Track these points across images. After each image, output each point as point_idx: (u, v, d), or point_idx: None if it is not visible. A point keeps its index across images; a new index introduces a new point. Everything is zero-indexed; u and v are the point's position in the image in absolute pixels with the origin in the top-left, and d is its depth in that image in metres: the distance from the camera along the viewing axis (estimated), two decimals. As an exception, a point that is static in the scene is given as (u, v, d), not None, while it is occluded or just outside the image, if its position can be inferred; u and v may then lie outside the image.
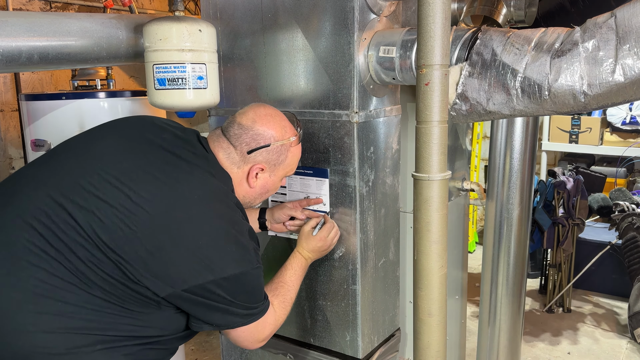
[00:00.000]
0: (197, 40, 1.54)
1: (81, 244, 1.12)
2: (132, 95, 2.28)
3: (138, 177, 1.19)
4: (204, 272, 1.17)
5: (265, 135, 1.34)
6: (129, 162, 1.22)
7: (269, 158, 1.36)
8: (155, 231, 1.15)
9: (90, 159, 1.24)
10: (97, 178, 1.18)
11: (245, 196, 1.39)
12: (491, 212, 1.82)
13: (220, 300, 1.20)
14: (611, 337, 3.30)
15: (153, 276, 1.14)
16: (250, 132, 1.33)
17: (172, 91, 1.54)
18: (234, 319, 1.25)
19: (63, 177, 1.20)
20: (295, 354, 1.73)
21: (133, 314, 1.17)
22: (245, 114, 1.36)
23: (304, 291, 1.69)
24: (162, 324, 1.22)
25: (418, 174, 1.25)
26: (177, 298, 1.18)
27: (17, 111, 3.22)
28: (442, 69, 1.20)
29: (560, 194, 3.43)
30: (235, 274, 1.20)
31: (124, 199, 1.15)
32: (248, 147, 1.33)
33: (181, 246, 1.16)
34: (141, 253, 1.14)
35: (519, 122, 1.71)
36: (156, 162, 1.23)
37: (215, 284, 1.18)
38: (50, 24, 1.53)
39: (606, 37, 1.20)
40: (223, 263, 1.19)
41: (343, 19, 1.47)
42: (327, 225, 1.56)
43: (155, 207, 1.16)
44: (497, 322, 1.88)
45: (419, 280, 1.30)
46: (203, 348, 3.21)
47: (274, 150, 1.35)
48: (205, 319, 1.24)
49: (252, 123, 1.34)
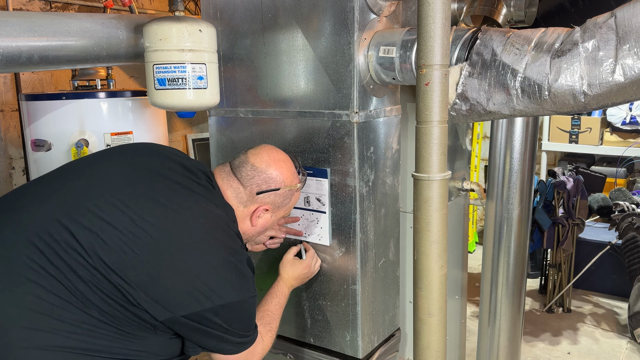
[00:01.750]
0: (197, 40, 1.54)
1: (82, 264, 1.13)
2: (132, 95, 2.28)
3: (143, 202, 1.21)
4: (202, 299, 1.18)
5: (277, 180, 1.40)
6: (135, 188, 1.24)
7: (275, 200, 1.42)
8: (158, 256, 1.17)
9: (96, 182, 1.25)
10: (103, 200, 1.19)
11: (245, 233, 1.43)
12: (491, 212, 1.82)
13: (216, 327, 1.22)
14: (611, 337, 3.30)
15: (153, 300, 1.16)
16: (263, 175, 1.39)
17: (172, 91, 1.54)
18: (227, 346, 1.27)
19: (68, 197, 1.21)
20: (295, 354, 1.73)
21: (129, 337, 1.18)
22: (259, 156, 1.41)
23: (304, 291, 1.69)
24: (156, 349, 1.23)
25: (418, 174, 1.25)
26: (175, 323, 1.19)
27: (17, 111, 3.22)
28: (442, 69, 1.20)
29: (560, 194, 3.43)
30: (233, 302, 1.22)
31: (129, 223, 1.17)
32: (259, 188, 1.38)
33: (182, 273, 1.18)
34: (143, 277, 1.15)
35: (519, 122, 1.71)
36: (161, 189, 1.26)
37: (213, 312, 1.20)
38: (50, 24, 1.53)
39: (606, 37, 1.20)
40: (222, 291, 1.21)
41: (343, 19, 1.47)
42: (310, 252, 1.61)
43: (159, 232, 1.18)
44: (497, 322, 1.88)
45: (419, 280, 1.30)
46: (203, 348, 3.21)
47: (281, 194, 1.42)
48: (200, 344, 1.26)
49: (267, 167, 1.39)
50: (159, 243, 1.17)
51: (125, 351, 1.18)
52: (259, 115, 1.68)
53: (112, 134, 2.21)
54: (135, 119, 2.27)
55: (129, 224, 1.17)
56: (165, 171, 1.30)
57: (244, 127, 1.72)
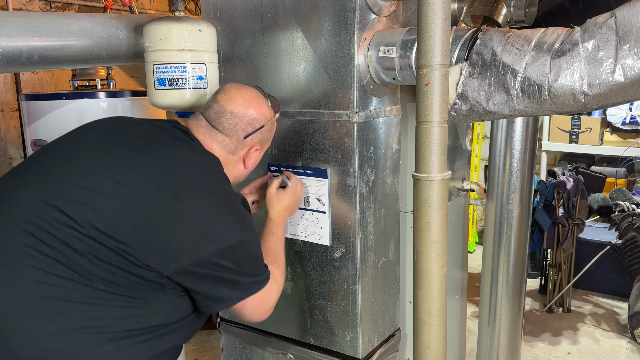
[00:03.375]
0: (197, 40, 1.54)
1: (76, 237, 1.11)
2: (132, 95, 2.28)
3: (124, 164, 1.19)
4: (205, 244, 1.17)
5: (259, 118, 1.39)
6: (113, 153, 1.22)
7: (262, 138, 1.42)
8: (151, 210, 1.15)
9: (73, 157, 1.23)
10: (84, 172, 1.18)
11: (237, 176, 1.43)
12: (491, 212, 1.82)
13: (225, 271, 1.20)
14: (611, 337, 3.30)
15: (156, 255, 1.14)
16: (245, 119, 1.36)
17: (172, 91, 1.54)
18: (241, 290, 1.24)
19: (48, 178, 1.20)
20: (295, 354, 1.73)
21: (138, 302, 1.16)
22: (233, 100, 1.37)
23: (304, 291, 1.69)
24: (168, 309, 1.21)
25: (418, 174, 1.25)
26: (183, 274, 1.17)
27: (17, 111, 3.22)
28: (442, 69, 1.20)
29: (560, 194, 3.43)
30: (237, 242, 1.21)
31: (114, 185, 1.15)
32: (245, 132, 1.37)
33: (178, 221, 1.16)
34: (140, 234, 1.13)
35: (519, 122, 1.71)
36: (140, 148, 1.24)
37: (219, 255, 1.18)
38: (50, 24, 1.53)
39: (606, 37, 1.20)
40: (223, 233, 1.20)
41: (343, 19, 1.47)
42: (293, 178, 1.57)
43: (146, 186, 1.16)
44: (497, 322, 1.88)
45: (419, 280, 1.30)
46: (203, 348, 3.21)
47: (266, 130, 1.42)
48: (213, 294, 1.22)
49: (245, 109, 1.37)
50: (149, 197, 1.15)
51: (137, 319, 1.16)
52: (259, 115, 1.68)
53: (112, 134, 2.20)
54: (135, 119, 2.27)
55: (115, 186, 1.15)
56: (140, 132, 1.29)
57: (244, 127, 1.72)
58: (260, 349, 1.82)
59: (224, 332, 1.91)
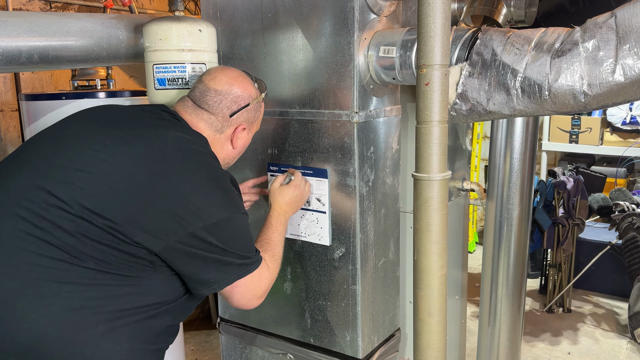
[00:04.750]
0: (197, 40, 1.54)
1: (65, 217, 1.12)
2: (132, 95, 2.28)
3: (111, 143, 1.20)
4: (192, 219, 1.17)
5: (244, 96, 1.39)
6: (101, 134, 1.23)
7: (248, 117, 1.41)
8: (138, 187, 1.16)
9: (62, 141, 1.24)
10: (72, 153, 1.19)
11: (226, 157, 1.43)
12: (491, 212, 1.82)
13: (213, 250, 1.20)
14: (611, 337, 3.30)
15: (144, 232, 1.14)
16: (230, 96, 1.37)
17: (172, 91, 1.54)
18: (229, 271, 1.24)
19: (38, 162, 1.21)
20: (295, 354, 1.73)
21: (130, 281, 1.17)
22: (217, 79, 1.38)
23: (304, 291, 1.69)
24: (161, 287, 1.21)
25: (418, 174, 1.25)
26: (171, 251, 1.17)
27: (17, 111, 3.21)
28: (442, 69, 1.20)
29: (560, 194, 3.43)
30: (224, 219, 1.21)
31: (101, 164, 1.16)
32: (230, 110, 1.37)
33: (166, 197, 1.17)
34: (128, 211, 1.14)
35: (519, 122, 1.71)
36: (127, 129, 1.25)
37: (206, 231, 1.18)
38: (50, 24, 1.53)
39: (606, 37, 1.20)
40: (210, 209, 1.20)
41: (343, 19, 1.47)
42: (297, 173, 1.56)
43: (133, 164, 1.18)
44: (497, 322, 1.88)
45: (419, 280, 1.30)
46: (203, 348, 3.21)
47: (252, 108, 1.41)
48: (202, 276, 1.22)
49: (229, 87, 1.37)
50: (136, 174, 1.16)
51: (130, 298, 1.17)
52: (259, 115, 1.68)
53: (112, 134, 2.20)
54: (135, 119, 2.27)
55: (102, 165, 1.16)
56: (127, 116, 1.31)
57: (244, 127, 1.72)
58: (260, 349, 1.82)
59: (224, 332, 1.91)
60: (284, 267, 1.70)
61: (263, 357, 1.83)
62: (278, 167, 1.67)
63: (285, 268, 1.71)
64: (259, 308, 1.79)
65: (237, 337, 1.88)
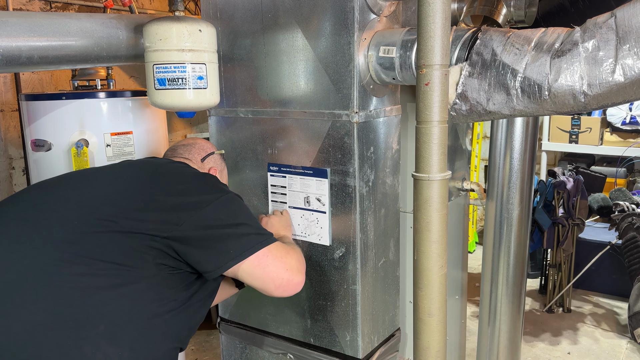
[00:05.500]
0: (197, 40, 1.54)
1: (97, 233, 1.17)
2: (132, 95, 2.28)
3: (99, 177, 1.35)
4: (197, 204, 1.23)
5: (206, 147, 1.62)
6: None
7: (216, 163, 1.63)
8: (143, 188, 1.27)
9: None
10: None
11: None
12: (491, 212, 1.82)
13: (224, 225, 1.23)
14: (611, 337, 3.30)
15: (152, 221, 1.20)
16: (196, 147, 1.60)
17: (172, 91, 1.54)
18: (248, 240, 1.24)
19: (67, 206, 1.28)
20: (295, 354, 1.73)
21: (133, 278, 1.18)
22: (180, 142, 1.63)
23: (304, 291, 1.69)
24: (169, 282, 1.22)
25: (418, 174, 1.25)
26: (184, 239, 1.20)
27: (17, 111, 3.22)
28: (442, 69, 1.20)
29: (560, 194, 3.43)
30: (226, 197, 1.28)
31: (110, 181, 1.32)
32: (200, 156, 1.58)
33: (170, 194, 1.26)
34: (136, 206, 1.22)
35: (519, 122, 1.71)
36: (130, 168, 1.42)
37: (212, 209, 1.23)
38: (50, 24, 1.53)
39: (606, 37, 1.20)
40: (211, 191, 1.29)
41: (343, 19, 1.47)
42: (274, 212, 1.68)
43: (137, 177, 1.31)
44: (497, 322, 1.88)
45: (419, 280, 1.30)
46: (203, 348, 3.21)
47: (217, 157, 1.64)
48: (223, 251, 1.21)
49: (193, 142, 1.62)
50: (141, 181, 1.30)
51: (130, 299, 1.17)
52: (259, 115, 1.68)
53: (112, 134, 2.20)
54: (135, 119, 2.27)
55: (111, 182, 1.31)
56: None
57: (244, 127, 1.72)
58: (260, 349, 1.82)
59: (224, 332, 1.91)
60: (284, 267, 1.71)
61: (263, 357, 1.83)
62: (278, 167, 1.67)
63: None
64: (259, 308, 1.79)
65: (237, 337, 1.88)
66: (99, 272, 1.13)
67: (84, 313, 1.11)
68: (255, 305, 1.81)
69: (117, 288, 1.14)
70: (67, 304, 1.10)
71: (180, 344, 1.27)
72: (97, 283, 1.13)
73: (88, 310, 1.11)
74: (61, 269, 1.12)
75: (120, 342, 1.13)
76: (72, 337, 1.09)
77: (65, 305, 1.10)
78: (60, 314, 1.10)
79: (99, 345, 1.11)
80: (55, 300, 1.10)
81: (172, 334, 1.23)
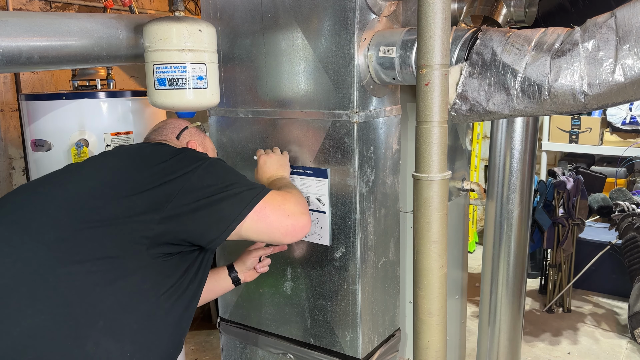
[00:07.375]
0: (197, 40, 1.54)
1: (90, 228, 1.16)
2: (132, 95, 2.28)
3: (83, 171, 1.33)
4: (182, 177, 1.22)
5: (178, 125, 1.57)
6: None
7: (193, 137, 1.57)
8: (127, 174, 1.25)
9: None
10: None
11: None
12: (491, 212, 1.82)
13: (213, 191, 1.22)
14: (611, 337, 3.30)
15: (142, 202, 1.19)
16: (167, 126, 1.56)
17: (172, 91, 1.54)
18: (242, 198, 1.23)
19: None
20: (295, 354, 1.73)
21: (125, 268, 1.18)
22: (153, 128, 1.59)
23: (304, 291, 1.69)
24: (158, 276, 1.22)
25: (418, 174, 1.25)
26: (177, 215, 1.19)
27: (17, 111, 3.22)
28: (442, 69, 1.20)
29: (560, 194, 3.43)
30: (208, 162, 1.28)
31: (95, 171, 1.30)
32: (173, 134, 1.54)
33: (154, 176, 1.23)
34: (124, 200, 1.20)
35: (519, 122, 1.71)
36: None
37: (198, 176, 1.22)
38: (50, 24, 1.53)
39: (606, 37, 1.20)
40: (191, 162, 1.26)
41: (343, 19, 1.47)
42: (259, 151, 1.63)
43: (119, 164, 1.29)
44: (497, 322, 1.88)
45: (419, 280, 1.30)
46: (203, 348, 3.21)
47: (193, 131, 1.58)
48: (221, 216, 1.21)
49: (164, 123, 1.59)
50: (124, 167, 1.28)
51: (129, 290, 1.17)
52: (259, 115, 1.68)
53: (112, 134, 2.21)
54: (135, 119, 2.27)
55: (96, 172, 1.30)
56: None
57: (244, 127, 1.72)
58: (260, 349, 1.82)
59: (224, 332, 1.91)
60: (284, 267, 1.71)
61: (263, 357, 1.83)
62: None
63: (285, 268, 1.71)
64: (259, 308, 1.79)
65: (237, 337, 1.88)
66: (93, 268, 1.13)
67: (82, 311, 1.11)
68: (255, 305, 1.81)
69: (113, 283, 1.14)
70: (65, 304, 1.10)
71: (181, 330, 1.28)
72: (93, 280, 1.13)
73: (86, 308, 1.11)
74: (55, 269, 1.12)
75: (120, 337, 1.13)
76: (72, 336, 1.09)
77: (62, 305, 1.10)
78: (59, 314, 1.09)
79: (100, 341, 1.11)
80: (53, 301, 1.10)
81: (173, 322, 1.24)
